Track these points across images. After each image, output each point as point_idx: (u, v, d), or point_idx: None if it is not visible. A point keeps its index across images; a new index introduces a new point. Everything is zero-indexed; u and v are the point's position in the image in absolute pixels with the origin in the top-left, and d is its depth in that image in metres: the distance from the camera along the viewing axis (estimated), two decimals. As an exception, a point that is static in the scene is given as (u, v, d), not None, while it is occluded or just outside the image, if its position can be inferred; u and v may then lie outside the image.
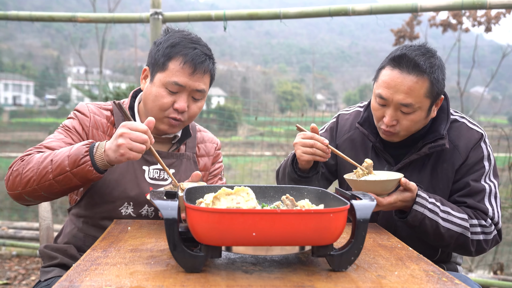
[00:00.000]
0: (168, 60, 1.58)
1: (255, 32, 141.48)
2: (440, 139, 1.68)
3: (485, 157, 1.70)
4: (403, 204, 1.59)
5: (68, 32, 34.49)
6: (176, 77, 1.57)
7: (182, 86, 1.58)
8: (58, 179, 1.41)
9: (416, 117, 1.63)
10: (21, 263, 4.23)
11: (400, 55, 1.60)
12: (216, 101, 24.57)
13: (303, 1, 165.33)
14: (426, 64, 1.58)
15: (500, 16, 6.59)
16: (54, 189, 1.44)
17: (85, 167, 1.38)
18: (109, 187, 1.63)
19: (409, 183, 1.55)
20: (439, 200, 1.62)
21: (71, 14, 3.19)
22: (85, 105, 1.71)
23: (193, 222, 1.01)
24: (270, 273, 1.04)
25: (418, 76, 1.57)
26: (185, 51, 1.58)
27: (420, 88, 1.58)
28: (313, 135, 1.61)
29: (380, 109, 1.67)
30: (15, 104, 42.90)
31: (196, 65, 1.58)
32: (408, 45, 1.66)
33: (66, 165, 1.39)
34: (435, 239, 1.62)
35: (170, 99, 1.60)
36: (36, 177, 1.42)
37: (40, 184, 1.43)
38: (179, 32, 1.65)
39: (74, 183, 1.42)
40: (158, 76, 1.60)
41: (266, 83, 74.18)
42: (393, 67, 1.61)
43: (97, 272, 1.02)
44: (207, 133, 1.93)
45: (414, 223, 1.59)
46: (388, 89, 1.61)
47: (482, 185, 1.68)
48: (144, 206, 1.67)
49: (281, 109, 13.06)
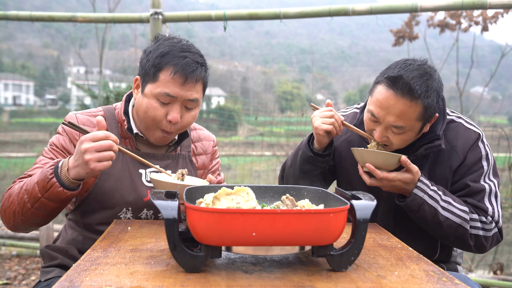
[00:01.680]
0: (158, 70, 1.53)
1: (255, 32, 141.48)
2: (436, 140, 1.68)
3: (483, 157, 1.70)
4: (403, 186, 1.61)
5: (68, 32, 34.51)
6: (167, 88, 1.53)
7: (173, 97, 1.54)
8: (36, 206, 1.42)
9: (406, 136, 1.64)
10: (21, 263, 4.23)
11: (397, 76, 1.56)
12: (216, 101, 24.56)
13: (303, 1, 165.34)
14: (421, 89, 1.54)
15: (497, 16, 6.59)
16: (37, 216, 1.45)
17: (54, 189, 1.37)
18: (106, 194, 1.62)
19: (410, 164, 1.58)
20: (442, 190, 1.63)
21: (71, 14, 3.19)
22: (74, 116, 1.66)
23: (193, 222, 1.01)
24: (270, 273, 1.04)
25: (412, 100, 1.55)
26: (175, 60, 1.52)
27: (412, 112, 1.57)
28: (331, 108, 1.73)
29: (371, 124, 1.68)
30: (15, 104, 42.89)
31: (187, 74, 1.52)
32: (408, 62, 1.61)
33: (37, 191, 1.40)
34: (434, 228, 1.63)
35: (162, 111, 1.56)
36: (18, 208, 1.45)
37: (24, 215, 1.45)
38: (169, 40, 1.59)
39: (52, 206, 1.42)
40: (149, 87, 1.56)
41: (266, 83, 74.20)
42: (388, 86, 1.58)
43: (97, 272, 1.02)
44: (203, 131, 1.91)
45: (412, 207, 1.61)
46: (380, 109, 1.60)
47: (482, 185, 1.67)
48: (143, 210, 1.67)
49: (281, 109, 13.07)
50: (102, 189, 1.61)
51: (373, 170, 1.60)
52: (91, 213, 1.65)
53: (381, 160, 1.59)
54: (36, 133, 8.92)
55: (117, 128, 1.67)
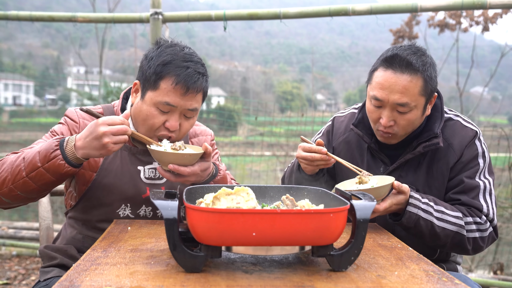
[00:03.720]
0: (159, 79, 1.52)
1: (255, 32, 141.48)
2: (434, 138, 1.68)
3: (479, 154, 1.70)
4: (398, 207, 1.59)
5: (68, 32, 34.47)
6: (167, 97, 1.52)
7: (174, 106, 1.54)
8: (31, 176, 1.41)
9: (412, 116, 1.64)
10: (21, 263, 4.23)
11: (392, 55, 1.61)
12: (216, 101, 24.56)
13: (303, 1, 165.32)
14: (418, 63, 1.59)
15: (497, 16, 6.59)
16: (29, 186, 1.43)
17: (56, 161, 1.39)
18: (105, 190, 1.62)
19: (402, 186, 1.56)
20: (432, 200, 1.62)
21: (71, 14, 3.19)
22: (74, 111, 1.68)
23: (193, 222, 1.01)
24: (270, 273, 1.04)
25: (412, 74, 1.59)
26: (177, 71, 1.52)
27: (414, 86, 1.59)
28: (311, 147, 1.62)
29: (376, 111, 1.67)
30: (15, 104, 42.88)
31: (189, 85, 1.52)
32: (398, 45, 1.68)
33: (37, 160, 1.40)
34: (431, 239, 1.62)
35: (161, 119, 1.56)
36: (10, 176, 1.43)
37: (15, 183, 1.43)
38: (171, 48, 1.57)
39: (47, 179, 1.42)
40: (149, 95, 1.55)
41: (266, 83, 74.20)
42: (386, 67, 1.62)
43: (97, 272, 1.02)
44: (199, 126, 1.90)
45: (409, 225, 1.59)
46: (383, 90, 1.61)
47: (477, 182, 1.68)
48: (141, 206, 1.67)
49: (281, 109, 13.07)
50: (101, 185, 1.62)
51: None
52: (90, 209, 1.65)
53: (374, 194, 1.52)
54: (36, 133, 8.90)
55: None
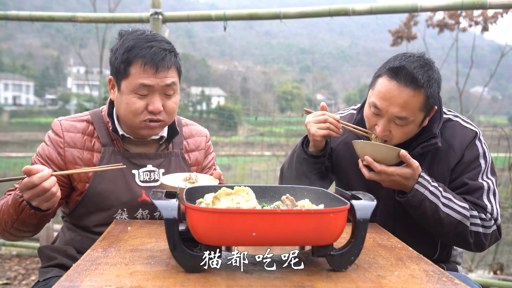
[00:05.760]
0: (128, 65, 1.53)
1: (255, 32, 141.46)
2: (433, 138, 1.68)
3: (480, 155, 1.70)
4: (402, 181, 1.59)
5: (68, 32, 34.48)
6: (141, 79, 1.52)
7: (150, 87, 1.53)
8: (15, 225, 1.50)
9: (408, 129, 1.64)
10: (21, 263, 4.23)
11: (399, 66, 1.58)
12: (216, 101, 24.54)
13: (303, 1, 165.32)
14: (424, 78, 1.56)
15: (497, 16, 6.58)
16: (23, 230, 1.53)
17: (26, 211, 1.44)
18: (101, 196, 1.62)
19: (410, 158, 1.56)
20: (442, 186, 1.62)
21: (71, 14, 3.19)
22: (58, 124, 1.65)
23: (193, 222, 1.01)
24: (270, 273, 1.04)
25: (415, 90, 1.56)
26: (142, 52, 1.52)
27: (416, 102, 1.57)
28: (324, 112, 1.69)
29: (373, 117, 1.66)
30: (15, 104, 42.91)
31: (157, 63, 1.52)
32: (407, 54, 1.64)
33: (12, 213, 1.46)
34: (434, 225, 1.62)
35: (142, 103, 1.55)
36: (4, 225, 1.53)
37: (9, 231, 1.54)
38: (133, 34, 1.58)
39: (32, 222, 1.49)
40: (124, 84, 1.55)
41: (266, 83, 74.20)
42: (390, 78, 1.59)
43: (97, 272, 1.02)
44: (195, 126, 1.89)
45: (413, 203, 1.59)
46: (383, 100, 1.60)
47: (480, 183, 1.68)
48: (138, 210, 1.67)
49: (281, 109, 13.08)
50: (96, 191, 1.62)
51: (371, 162, 1.59)
52: (87, 215, 1.65)
53: (381, 153, 1.58)
54: (36, 133, 8.91)
55: (106, 130, 1.67)
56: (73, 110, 11.23)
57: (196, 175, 1.55)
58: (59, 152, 1.61)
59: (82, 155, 1.62)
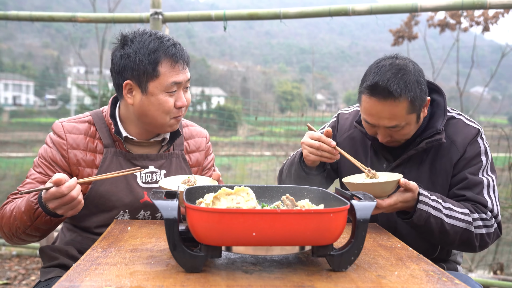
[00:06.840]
0: (156, 66, 1.55)
1: (255, 32, 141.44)
2: (437, 134, 1.70)
3: (482, 152, 1.72)
4: (404, 205, 1.57)
5: (68, 32, 34.46)
6: (172, 77, 1.56)
7: (180, 83, 1.59)
8: (28, 231, 1.49)
9: (407, 130, 1.67)
10: (21, 263, 4.22)
11: (373, 84, 1.58)
12: (216, 101, 24.55)
13: (303, 1, 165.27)
14: (400, 86, 1.56)
15: (498, 16, 6.58)
16: (33, 235, 1.53)
17: (41, 218, 1.43)
18: (103, 198, 1.62)
19: (409, 184, 1.54)
20: (440, 197, 1.62)
21: (71, 14, 3.19)
22: (60, 125, 1.65)
23: (193, 222, 1.01)
24: (270, 273, 1.04)
25: (395, 100, 1.57)
26: (168, 52, 1.56)
27: (401, 109, 1.59)
28: (320, 137, 1.63)
29: (370, 128, 1.71)
30: (15, 104, 42.91)
31: (182, 59, 1.59)
32: (379, 65, 1.62)
33: (26, 220, 1.45)
34: (440, 237, 1.61)
35: (172, 101, 1.60)
36: (13, 231, 1.52)
37: (19, 237, 1.53)
38: (146, 35, 1.58)
39: (45, 229, 1.50)
40: (153, 85, 1.56)
41: (266, 83, 74.17)
42: (370, 95, 1.61)
43: (97, 272, 1.02)
44: (195, 127, 1.90)
45: (419, 223, 1.58)
46: (371, 116, 1.64)
47: (480, 178, 1.69)
48: (140, 211, 1.67)
49: (281, 109, 13.07)
50: (98, 193, 1.62)
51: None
52: (89, 216, 1.65)
53: (379, 189, 1.53)
54: (36, 133, 8.91)
55: (107, 131, 1.67)
56: (73, 110, 11.22)
57: (195, 178, 1.55)
58: (63, 154, 1.61)
59: (85, 157, 1.62)
